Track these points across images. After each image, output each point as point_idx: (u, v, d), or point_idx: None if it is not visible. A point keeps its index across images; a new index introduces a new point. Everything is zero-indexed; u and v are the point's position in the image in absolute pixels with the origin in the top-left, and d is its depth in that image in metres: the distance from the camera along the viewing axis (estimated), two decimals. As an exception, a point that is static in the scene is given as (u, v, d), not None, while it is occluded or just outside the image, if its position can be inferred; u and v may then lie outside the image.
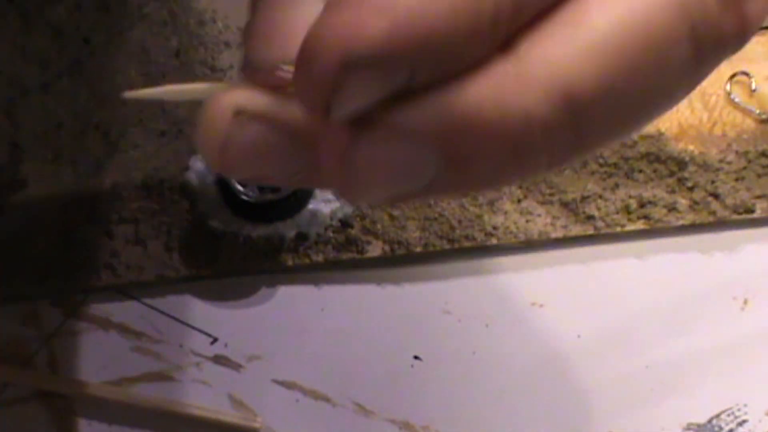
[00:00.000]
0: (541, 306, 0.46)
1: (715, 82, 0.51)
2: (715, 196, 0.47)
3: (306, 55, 0.18)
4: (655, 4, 0.18)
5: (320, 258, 0.47)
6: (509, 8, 0.18)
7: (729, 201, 0.47)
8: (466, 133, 0.18)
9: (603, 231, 0.47)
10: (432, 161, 0.19)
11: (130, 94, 0.22)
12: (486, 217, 0.47)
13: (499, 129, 0.18)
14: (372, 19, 0.17)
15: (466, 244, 0.47)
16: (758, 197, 0.48)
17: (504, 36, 0.18)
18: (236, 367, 0.45)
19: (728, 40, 0.20)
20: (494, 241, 0.47)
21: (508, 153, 0.19)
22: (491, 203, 0.48)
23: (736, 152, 0.48)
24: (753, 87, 0.50)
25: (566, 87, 0.18)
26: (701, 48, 0.19)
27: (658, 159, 0.48)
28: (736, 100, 0.50)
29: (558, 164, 0.19)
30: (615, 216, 0.47)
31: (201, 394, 0.44)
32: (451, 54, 0.18)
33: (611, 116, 0.19)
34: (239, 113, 0.20)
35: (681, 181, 0.48)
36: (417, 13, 0.17)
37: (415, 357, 0.45)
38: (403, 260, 0.47)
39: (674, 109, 0.50)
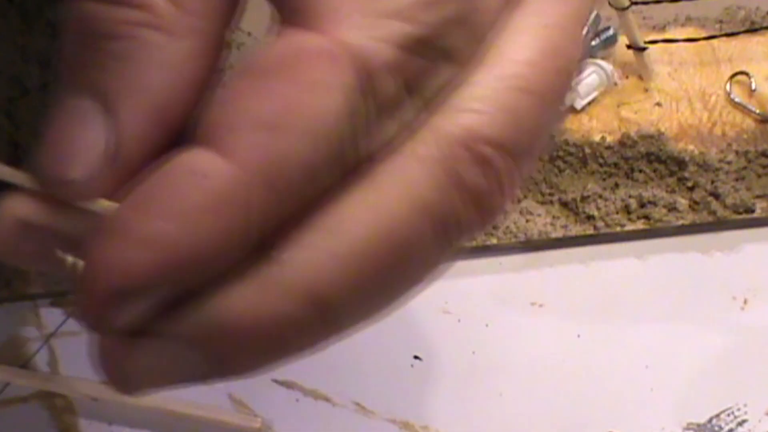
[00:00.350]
0: (541, 306, 0.46)
1: (715, 82, 0.51)
2: (715, 196, 0.47)
3: (81, 288, 0.20)
4: (402, 214, 0.20)
5: (320, 258, 0.47)
6: (268, 223, 0.20)
7: (729, 201, 0.47)
8: (226, 336, 0.20)
9: (603, 231, 0.47)
10: (199, 360, 0.20)
11: None
12: (486, 217, 0.47)
13: (254, 331, 0.20)
14: (136, 256, 0.19)
15: (466, 243, 0.47)
16: (758, 197, 0.48)
17: (259, 241, 0.20)
18: (236, 367, 0.45)
19: (472, 230, 0.22)
20: (494, 241, 0.47)
21: (263, 349, 0.21)
22: (491, 203, 0.48)
23: (736, 152, 0.48)
24: (753, 87, 0.50)
25: (315, 292, 0.20)
26: (447, 243, 0.21)
27: (658, 159, 0.48)
28: (736, 100, 0.50)
29: (310, 350, 0.21)
30: (615, 216, 0.47)
31: (201, 394, 0.44)
32: (209, 269, 0.20)
33: (360, 309, 0.21)
34: (20, 223, 0.21)
35: (681, 181, 0.48)
36: (179, 244, 0.19)
37: (415, 357, 0.45)
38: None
39: (674, 109, 0.50)
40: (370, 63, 0.20)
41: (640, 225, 0.47)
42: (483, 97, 0.21)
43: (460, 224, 0.21)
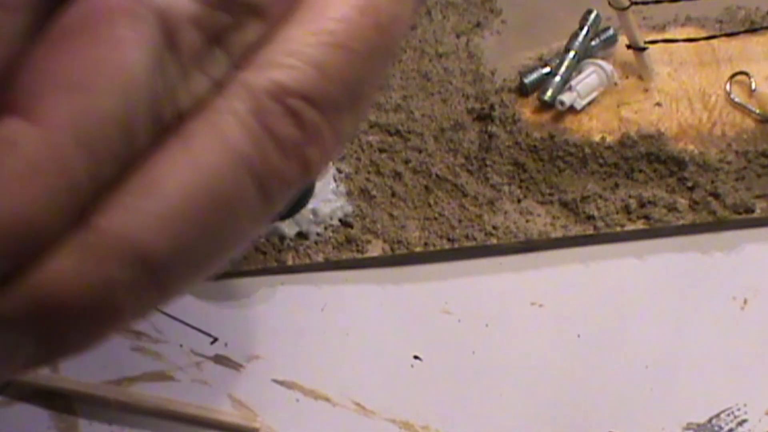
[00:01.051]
0: (541, 306, 0.46)
1: (715, 82, 0.51)
2: (715, 196, 0.47)
3: None
4: (220, 167, 0.20)
5: (320, 257, 0.47)
6: (84, 187, 0.19)
7: (729, 201, 0.47)
8: (54, 310, 0.19)
9: (603, 231, 0.47)
10: (28, 342, 0.20)
11: None
12: (486, 217, 0.47)
13: (78, 302, 0.19)
14: None
15: (466, 243, 0.47)
16: (758, 197, 0.48)
17: (81, 207, 0.19)
18: (236, 367, 0.45)
19: (293, 182, 0.21)
20: (494, 240, 0.47)
21: (92, 320, 0.20)
22: (491, 203, 0.48)
23: (736, 152, 0.48)
24: (753, 87, 0.50)
25: (135, 254, 0.19)
26: (269, 194, 0.21)
27: (658, 159, 0.48)
28: (736, 100, 0.50)
29: (145, 314, 0.21)
30: (615, 216, 0.47)
31: (201, 394, 0.44)
32: (30, 241, 0.19)
33: (189, 267, 0.21)
34: None
35: (681, 181, 0.48)
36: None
37: (415, 357, 0.45)
38: (403, 260, 0.47)
39: (674, 109, 0.50)
40: (172, 16, 0.20)
41: (640, 225, 0.47)
42: (293, 51, 0.21)
43: (281, 176, 0.21)
